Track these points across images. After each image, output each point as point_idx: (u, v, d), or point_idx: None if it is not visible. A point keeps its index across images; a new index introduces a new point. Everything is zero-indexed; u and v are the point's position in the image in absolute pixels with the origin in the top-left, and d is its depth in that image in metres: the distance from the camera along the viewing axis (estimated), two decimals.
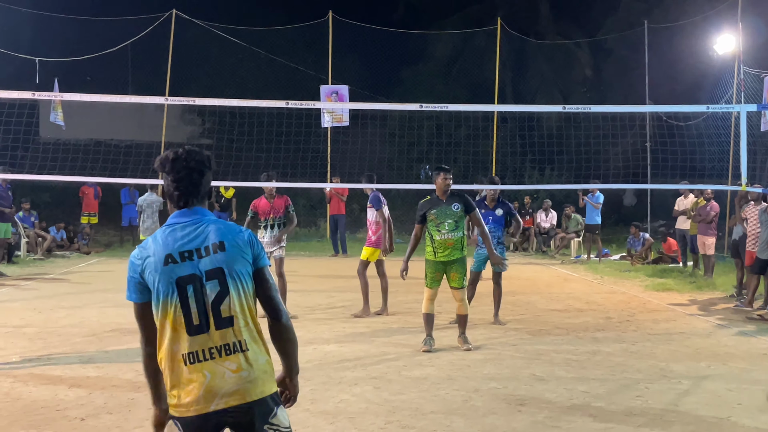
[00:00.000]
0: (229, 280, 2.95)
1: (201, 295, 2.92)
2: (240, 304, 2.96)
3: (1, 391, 6.20)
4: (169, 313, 2.92)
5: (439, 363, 7.42)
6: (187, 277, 2.92)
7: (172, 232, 3.00)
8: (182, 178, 3.05)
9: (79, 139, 24.09)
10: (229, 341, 2.92)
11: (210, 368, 2.88)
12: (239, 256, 2.99)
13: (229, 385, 2.88)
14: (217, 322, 2.92)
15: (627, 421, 5.63)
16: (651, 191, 23.29)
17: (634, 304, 11.65)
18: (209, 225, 3.03)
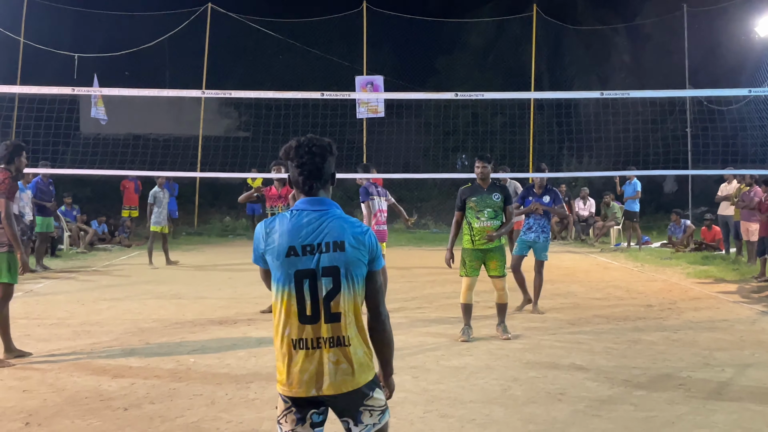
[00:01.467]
0: (342, 279, 3.09)
1: (315, 290, 3.07)
2: (349, 302, 3.10)
3: (47, 382, 6.31)
4: (284, 300, 3.09)
5: (478, 352, 7.40)
6: (305, 270, 3.07)
7: (299, 220, 3.13)
8: (305, 163, 3.19)
9: (118, 134, 24.45)
10: (335, 335, 3.07)
11: (316, 357, 3.07)
12: (356, 258, 3.12)
13: (328, 376, 3.06)
14: (327, 315, 3.07)
15: (669, 410, 5.56)
16: (692, 178, 22.95)
17: (675, 292, 11.49)
18: (333, 220, 3.14)
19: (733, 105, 19.10)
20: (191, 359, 7.12)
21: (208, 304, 10.35)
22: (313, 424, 3.14)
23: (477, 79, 27.01)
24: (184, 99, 24.32)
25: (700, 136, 19.25)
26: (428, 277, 13.31)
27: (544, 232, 9.86)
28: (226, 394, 5.97)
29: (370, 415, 3.16)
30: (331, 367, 3.06)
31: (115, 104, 22.73)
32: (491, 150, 22.57)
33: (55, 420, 5.34)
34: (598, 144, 22.42)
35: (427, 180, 25.86)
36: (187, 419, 5.35)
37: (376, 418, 3.18)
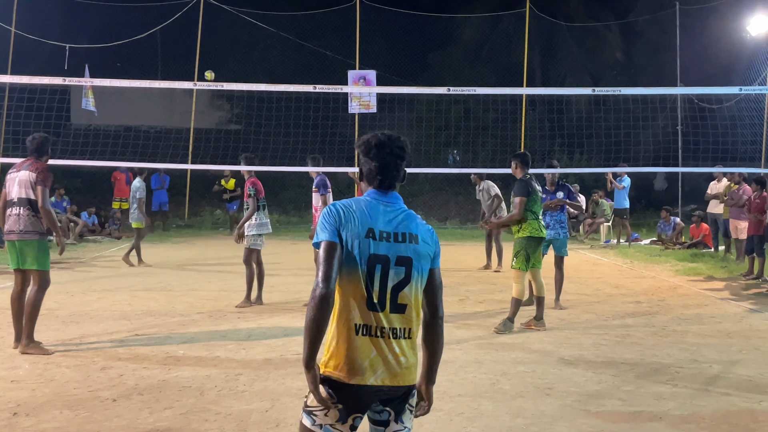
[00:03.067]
0: (414, 271, 3.06)
1: (385, 277, 3.02)
2: (415, 295, 3.07)
3: (35, 373, 6.30)
4: (353, 282, 3.00)
5: (467, 347, 7.42)
6: (379, 256, 3.02)
7: (376, 206, 3.11)
8: (388, 163, 3.17)
9: (109, 126, 24.37)
10: (398, 326, 3.03)
11: (378, 345, 2.99)
12: (426, 252, 3.12)
13: (389, 366, 2.99)
14: (393, 305, 3.02)
15: (657, 404, 5.60)
16: (682, 175, 23.03)
17: (664, 289, 11.55)
18: (407, 215, 3.15)
19: (724, 103, 19.18)
20: (180, 351, 7.11)
21: (198, 296, 10.34)
22: (353, 427, 3.04)
23: (469, 74, 27.00)
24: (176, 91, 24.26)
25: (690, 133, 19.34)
26: None
27: (562, 227, 9.92)
28: (215, 385, 5.97)
29: (409, 418, 3.14)
30: (392, 358, 2.99)
31: (107, 95, 22.65)
32: (483, 145, 22.63)
33: (43, 410, 5.33)
34: (589, 141, 22.47)
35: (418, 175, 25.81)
36: (176, 410, 5.35)
37: (410, 423, 3.15)
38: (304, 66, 26.56)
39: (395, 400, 3.05)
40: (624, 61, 29.35)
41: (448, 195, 25.79)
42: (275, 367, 6.53)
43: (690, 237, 17.52)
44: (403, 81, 23.77)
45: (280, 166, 17.54)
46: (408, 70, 25.71)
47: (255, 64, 27.50)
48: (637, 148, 20.54)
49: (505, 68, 26.35)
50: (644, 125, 20.75)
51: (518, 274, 8.28)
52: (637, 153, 20.33)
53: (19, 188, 7.08)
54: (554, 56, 28.40)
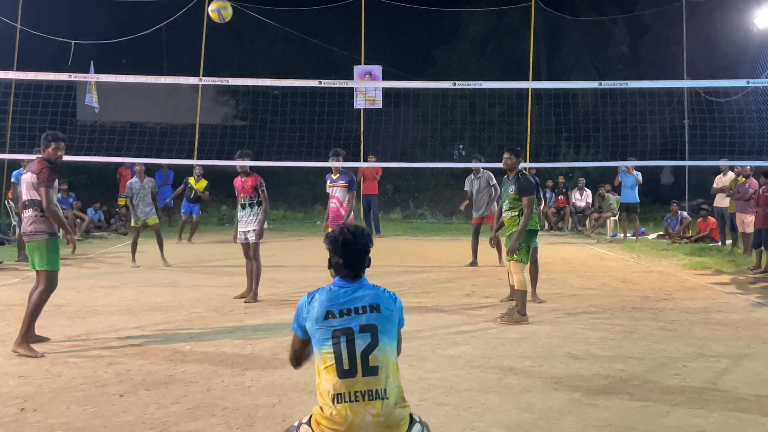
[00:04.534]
0: (380, 335, 3.42)
1: (353, 345, 3.37)
2: (386, 357, 3.40)
3: (42, 368, 6.31)
4: (324, 358, 3.39)
5: (474, 341, 7.40)
6: (343, 329, 3.40)
7: (337, 292, 3.53)
8: (353, 259, 3.58)
9: (115, 122, 24.38)
10: (372, 388, 3.33)
11: (354, 409, 3.30)
12: (390, 318, 3.51)
13: (367, 427, 3.29)
14: (365, 369, 3.34)
15: (664, 399, 5.57)
16: (689, 169, 22.95)
17: (671, 283, 11.51)
18: (368, 290, 3.56)
19: (731, 96, 19.08)
20: (187, 346, 7.12)
21: (204, 292, 10.35)
22: None
23: (475, 69, 26.95)
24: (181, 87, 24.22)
25: (698, 127, 19.22)
26: (425, 267, 13.32)
27: None
28: (221, 381, 5.97)
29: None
30: (369, 419, 3.28)
31: (113, 91, 22.67)
32: (489, 140, 22.57)
33: (50, 406, 5.34)
34: (596, 135, 22.43)
35: (424, 170, 25.86)
36: (183, 406, 5.35)
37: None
38: (309, 61, 26.53)
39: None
40: (630, 55, 29.27)
41: (454, 190, 25.74)
42: (282, 363, 6.52)
43: (697, 231, 17.47)
44: (409, 76, 23.75)
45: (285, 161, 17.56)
46: (413, 65, 25.67)
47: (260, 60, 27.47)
48: (644, 141, 20.48)
49: (510, 62, 26.26)
50: (651, 119, 20.68)
51: (519, 266, 8.38)
52: (644, 147, 20.27)
53: (26, 190, 7.09)
54: (560, 50, 28.32)
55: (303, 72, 24.33)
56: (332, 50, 25.45)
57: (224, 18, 11.79)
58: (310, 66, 25.84)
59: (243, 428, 4.88)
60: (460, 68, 27.10)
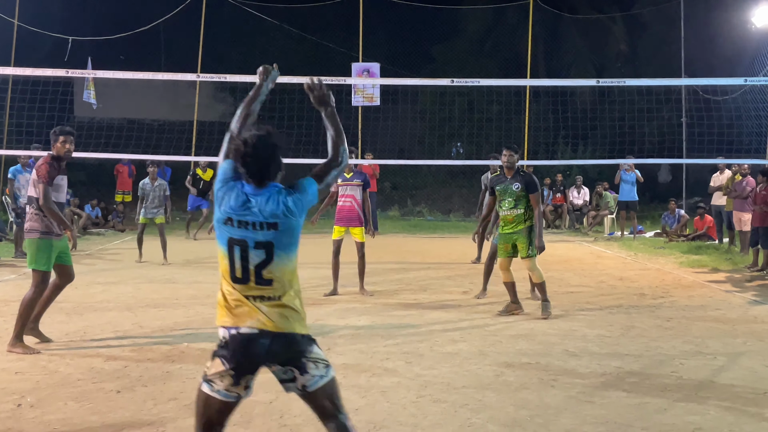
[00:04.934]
0: (276, 251, 3.39)
1: (247, 258, 3.37)
2: (279, 270, 3.40)
3: (39, 364, 6.31)
4: (221, 259, 3.42)
5: (471, 338, 7.40)
6: (237, 240, 3.38)
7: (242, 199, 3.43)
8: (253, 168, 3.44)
9: (112, 118, 24.35)
10: (266, 294, 3.38)
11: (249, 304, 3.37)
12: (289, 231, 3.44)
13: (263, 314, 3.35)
14: (257, 280, 3.37)
15: (661, 396, 5.58)
16: (686, 167, 22.96)
17: (668, 281, 11.53)
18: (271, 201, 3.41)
19: (729, 95, 19.10)
20: (184, 343, 7.11)
21: (201, 288, 10.34)
22: (247, 387, 3.44)
23: (473, 66, 26.93)
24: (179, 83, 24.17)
25: (695, 125, 19.24)
26: (423, 264, 13.32)
27: None
28: None
29: (316, 366, 3.43)
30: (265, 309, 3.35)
31: (110, 88, 22.62)
32: (487, 137, 22.57)
33: (47, 402, 5.34)
34: (593, 132, 22.42)
35: (422, 167, 25.83)
36: (180, 402, 5.34)
37: (323, 370, 3.45)
38: (307, 58, 26.51)
39: (291, 359, 3.38)
40: (628, 53, 29.26)
41: (452, 188, 25.77)
42: None
43: (694, 229, 17.49)
44: (407, 73, 23.73)
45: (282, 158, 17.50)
46: (412, 62, 25.66)
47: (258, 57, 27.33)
48: (642, 139, 20.49)
49: (509, 60, 26.27)
50: (649, 117, 20.68)
51: (533, 261, 8.51)
52: (642, 145, 20.27)
53: (30, 186, 7.06)
54: (558, 48, 28.31)
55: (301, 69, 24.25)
56: (330, 47, 25.44)
57: None
58: (307, 63, 25.81)
59: (240, 425, 4.88)
60: (458, 65, 27.08)
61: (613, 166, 19.48)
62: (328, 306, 9.17)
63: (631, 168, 18.03)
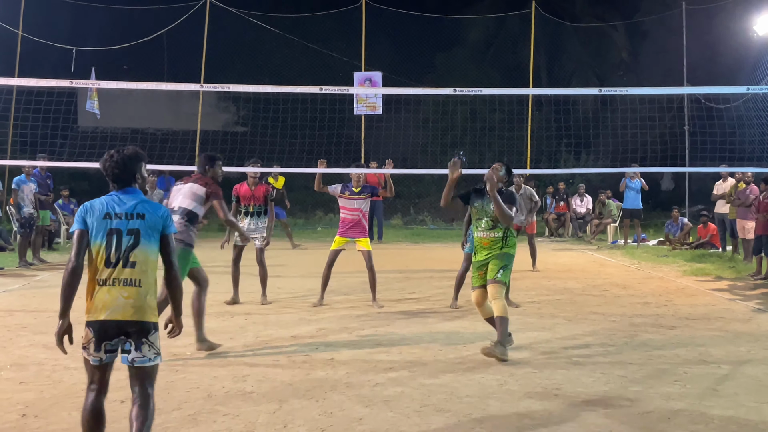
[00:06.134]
0: (142, 238, 4.26)
1: (120, 243, 4.23)
2: (144, 255, 4.26)
3: (43, 374, 6.32)
4: (98, 250, 4.24)
5: (474, 348, 7.38)
6: (114, 229, 4.25)
7: (113, 200, 4.35)
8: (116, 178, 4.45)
9: (116, 128, 24.43)
10: (129, 277, 4.21)
11: (111, 292, 4.20)
12: (153, 225, 4.31)
13: (120, 306, 4.18)
14: (125, 262, 4.22)
15: (665, 405, 5.58)
16: (689, 175, 22.98)
17: (672, 289, 11.52)
18: (138, 201, 4.36)
19: (731, 103, 19.12)
20: (188, 352, 7.12)
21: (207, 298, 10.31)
22: (108, 350, 4.23)
23: (475, 75, 26.96)
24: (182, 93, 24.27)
25: (698, 133, 19.25)
26: (425, 273, 13.32)
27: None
28: (222, 387, 5.98)
29: (149, 349, 4.30)
30: (121, 300, 4.18)
31: (114, 98, 22.69)
32: (489, 146, 22.58)
33: (51, 412, 5.35)
34: (596, 141, 22.44)
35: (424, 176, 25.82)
36: (184, 412, 5.35)
37: (152, 355, 4.32)
38: (309, 68, 26.56)
39: (133, 335, 4.21)
40: (630, 62, 29.30)
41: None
42: (282, 369, 6.54)
43: (697, 237, 17.48)
44: (409, 82, 23.77)
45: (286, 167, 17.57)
46: (414, 71, 25.71)
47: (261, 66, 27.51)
48: (644, 148, 20.48)
49: (511, 69, 26.30)
50: (651, 125, 20.68)
51: (501, 288, 7.06)
52: (644, 153, 20.27)
53: (182, 198, 7.42)
54: (560, 57, 28.36)
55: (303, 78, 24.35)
56: (332, 56, 25.50)
57: None
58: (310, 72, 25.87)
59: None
60: (460, 74, 27.11)
61: (616, 175, 19.48)
62: (331, 314, 9.17)
63: (636, 176, 18.04)
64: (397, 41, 26.42)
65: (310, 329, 8.25)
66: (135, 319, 4.21)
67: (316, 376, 6.34)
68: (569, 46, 28.27)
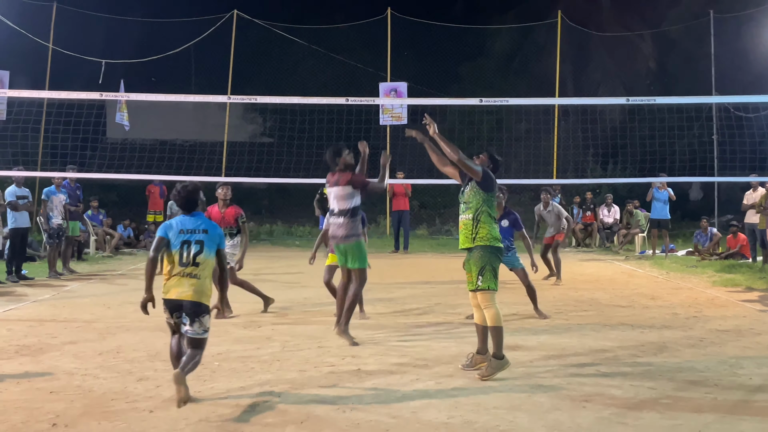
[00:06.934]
0: (205, 247, 5.96)
1: (189, 249, 5.92)
2: (207, 259, 5.95)
3: (74, 384, 6.38)
4: (174, 253, 5.94)
5: None
6: (186, 240, 5.94)
7: (185, 220, 6.06)
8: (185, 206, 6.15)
9: (144, 139, 24.70)
10: (194, 273, 5.90)
11: (180, 280, 5.92)
12: (212, 239, 6.02)
13: (187, 288, 5.88)
14: (192, 262, 5.91)
15: (696, 418, 5.51)
16: (718, 185, 22.74)
17: (701, 300, 11.38)
18: (202, 221, 6.09)
19: (761, 112, 18.92)
20: (215, 362, 7.15)
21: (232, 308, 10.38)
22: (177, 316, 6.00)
23: (501, 85, 26.95)
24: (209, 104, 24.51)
25: (726, 143, 19.08)
26: (451, 284, 13.28)
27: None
28: (249, 397, 5.99)
29: (199, 326, 5.88)
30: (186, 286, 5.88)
31: (142, 109, 22.96)
32: (515, 156, 22.52)
33: (81, 421, 5.39)
34: (623, 151, 22.30)
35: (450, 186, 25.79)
36: (212, 422, 5.37)
37: (200, 331, 5.90)
38: (335, 79, 26.72)
39: (191, 314, 5.86)
40: (657, 71, 29.11)
41: None
42: (309, 379, 6.55)
43: (727, 247, 17.28)
44: (435, 93, 23.81)
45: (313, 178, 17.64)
46: (439, 81, 25.76)
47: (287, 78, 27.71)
48: (672, 157, 20.33)
49: (536, 79, 26.27)
50: (679, 135, 20.53)
51: (490, 295, 6.73)
52: (672, 163, 20.11)
53: (337, 201, 8.25)
54: (586, 66, 28.27)
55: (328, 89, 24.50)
56: (358, 67, 25.61)
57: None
58: (335, 83, 26.02)
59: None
60: (485, 84, 27.12)
61: (643, 184, 19.33)
62: (358, 324, 9.18)
63: (663, 186, 17.89)
64: (422, 52, 26.51)
65: (337, 339, 8.26)
66: (194, 300, 5.84)
67: (343, 386, 6.34)
68: (595, 56, 28.17)
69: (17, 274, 13.50)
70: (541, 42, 26.71)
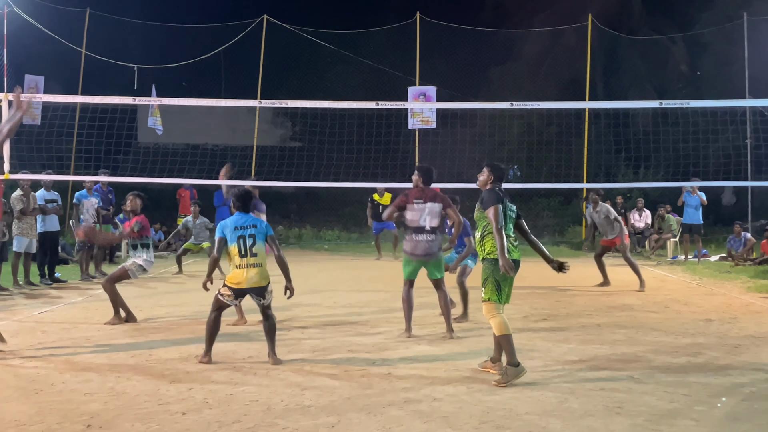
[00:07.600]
0: (257, 239, 7.30)
1: (245, 242, 7.26)
2: (261, 249, 7.32)
3: (107, 386, 6.44)
4: (234, 248, 7.25)
5: (533, 364, 7.29)
6: (241, 235, 7.28)
7: (239, 218, 7.43)
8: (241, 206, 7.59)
9: (176, 144, 24.90)
10: (254, 262, 7.25)
11: (244, 270, 7.25)
12: (261, 231, 7.37)
13: (253, 275, 7.26)
14: (250, 254, 7.24)
15: (731, 426, 5.43)
16: (751, 190, 22.42)
17: (735, 306, 11.23)
18: (252, 219, 7.48)
19: None
20: (246, 365, 7.18)
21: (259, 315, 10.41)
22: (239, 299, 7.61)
23: (530, 89, 26.82)
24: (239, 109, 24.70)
25: (761, 146, 18.80)
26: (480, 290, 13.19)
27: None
28: (281, 400, 6.01)
29: (269, 296, 7.43)
30: (252, 275, 7.25)
31: (173, 114, 23.17)
32: (545, 160, 22.39)
33: (115, 423, 5.44)
34: (655, 155, 22.08)
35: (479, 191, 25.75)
36: (244, 425, 5.39)
37: (270, 298, 7.43)
38: (363, 83, 26.77)
39: (262, 293, 7.35)
40: (689, 74, 28.80)
41: None
42: (340, 382, 6.55)
43: (761, 253, 17.04)
44: (464, 96, 23.75)
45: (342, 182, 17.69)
46: (468, 85, 25.69)
47: (316, 82, 27.83)
48: (705, 162, 20.09)
49: (566, 82, 26.10)
50: (712, 138, 20.29)
51: (493, 306, 6.91)
52: (705, 167, 19.88)
53: (430, 218, 8.58)
54: (617, 70, 28.04)
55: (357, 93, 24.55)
56: (387, 71, 25.62)
57: None
58: (364, 87, 26.07)
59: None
60: (515, 88, 27.00)
61: (675, 189, 19.13)
62: (388, 329, 9.17)
63: (694, 190, 17.69)
64: (451, 55, 26.46)
65: (367, 343, 8.26)
66: (262, 285, 7.30)
67: (374, 390, 6.33)
68: (626, 59, 27.95)
69: (50, 277, 13.68)
70: (571, 45, 26.51)
